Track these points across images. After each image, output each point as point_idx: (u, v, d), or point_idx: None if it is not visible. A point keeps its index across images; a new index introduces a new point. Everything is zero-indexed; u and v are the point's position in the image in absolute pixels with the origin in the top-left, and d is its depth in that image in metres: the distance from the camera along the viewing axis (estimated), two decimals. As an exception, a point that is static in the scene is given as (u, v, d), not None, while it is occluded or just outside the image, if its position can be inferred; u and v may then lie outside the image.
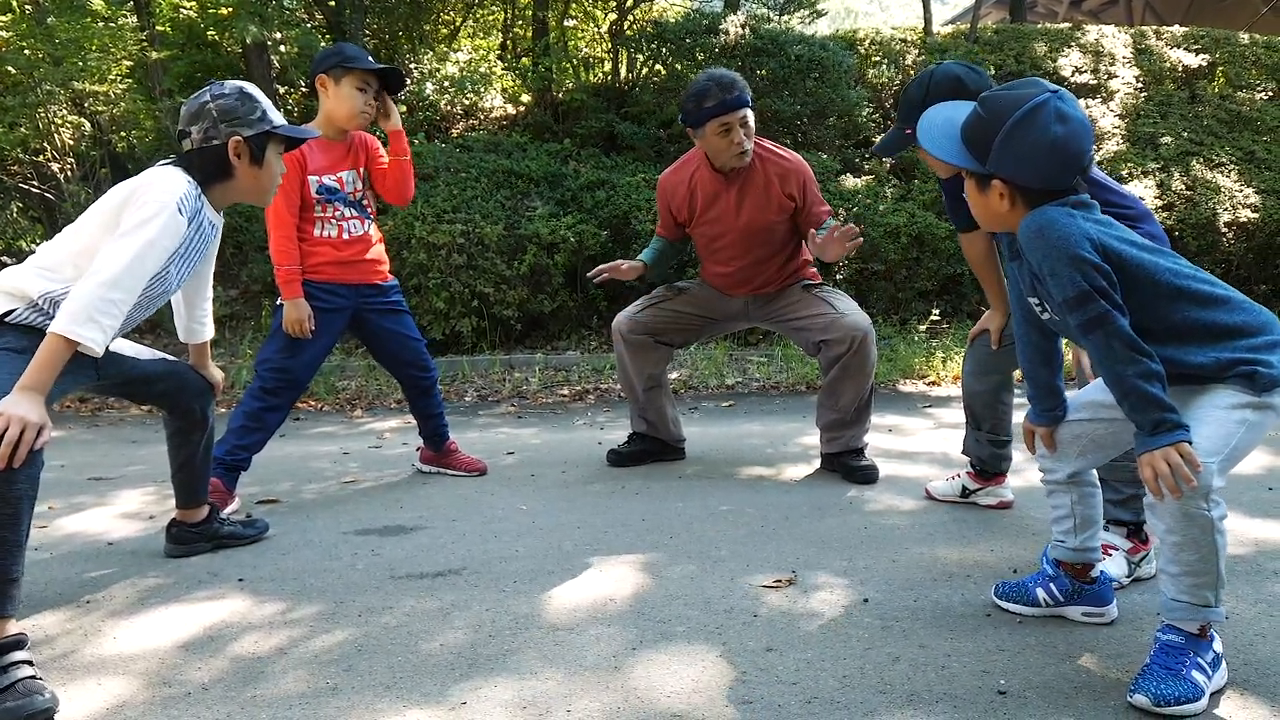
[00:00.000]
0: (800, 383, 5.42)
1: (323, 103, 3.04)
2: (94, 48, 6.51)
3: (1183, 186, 7.28)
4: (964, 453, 2.90)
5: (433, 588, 2.31)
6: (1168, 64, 8.72)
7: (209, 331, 2.55)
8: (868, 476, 3.21)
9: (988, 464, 2.84)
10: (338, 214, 3.06)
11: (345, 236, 3.07)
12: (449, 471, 3.41)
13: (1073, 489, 2.00)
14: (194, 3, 7.47)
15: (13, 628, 1.79)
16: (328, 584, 2.34)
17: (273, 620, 2.13)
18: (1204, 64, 8.78)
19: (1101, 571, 2.04)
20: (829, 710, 1.68)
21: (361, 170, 3.14)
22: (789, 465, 3.48)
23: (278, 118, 2.26)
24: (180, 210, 2.04)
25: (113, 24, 6.81)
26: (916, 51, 8.71)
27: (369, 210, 3.18)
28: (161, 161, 2.19)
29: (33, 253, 2.10)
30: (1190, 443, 1.60)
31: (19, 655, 1.75)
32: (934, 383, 5.42)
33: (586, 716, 1.68)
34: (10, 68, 6.39)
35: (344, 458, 3.77)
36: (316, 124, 3.05)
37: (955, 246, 6.46)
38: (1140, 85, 8.49)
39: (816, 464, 3.49)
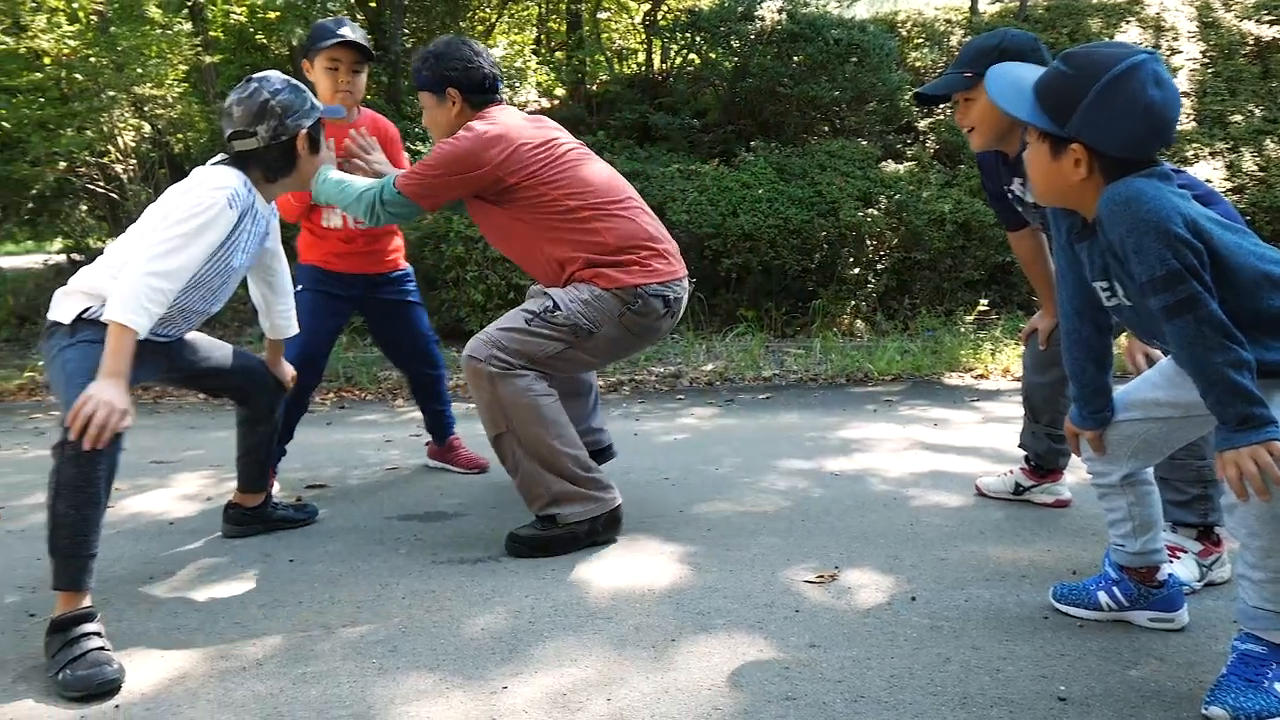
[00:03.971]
0: (840, 374, 5.30)
1: (314, 87, 2.92)
2: (152, 54, 6.73)
3: (1255, 167, 6.94)
4: (1020, 446, 2.78)
5: (474, 573, 2.31)
6: (1238, 37, 8.28)
7: (291, 328, 2.61)
8: (511, 545, 2.44)
9: (1045, 459, 2.72)
10: None
11: (352, 225, 2.98)
12: (451, 469, 3.33)
13: (1127, 491, 1.87)
14: (244, 8, 7.58)
15: (85, 601, 1.87)
16: (373, 567, 2.38)
17: (321, 601, 2.18)
18: (1278, 36, 8.33)
19: (1170, 575, 1.92)
20: (876, 710, 1.60)
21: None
22: (829, 458, 3.38)
23: (318, 101, 2.34)
24: (231, 204, 2.09)
25: (169, 31, 6.98)
26: (962, 32, 8.47)
27: None
28: (213, 160, 2.25)
29: (101, 251, 2.20)
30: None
31: (90, 627, 1.84)
32: (982, 375, 5.27)
33: (626, 706, 1.64)
34: (78, 74, 6.67)
35: (386, 445, 3.78)
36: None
37: (1003, 234, 6.27)
38: (1207, 60, 8.05)
39: (859, 457, 3.38)
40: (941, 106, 7.71)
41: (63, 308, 2.08)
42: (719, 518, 2.69)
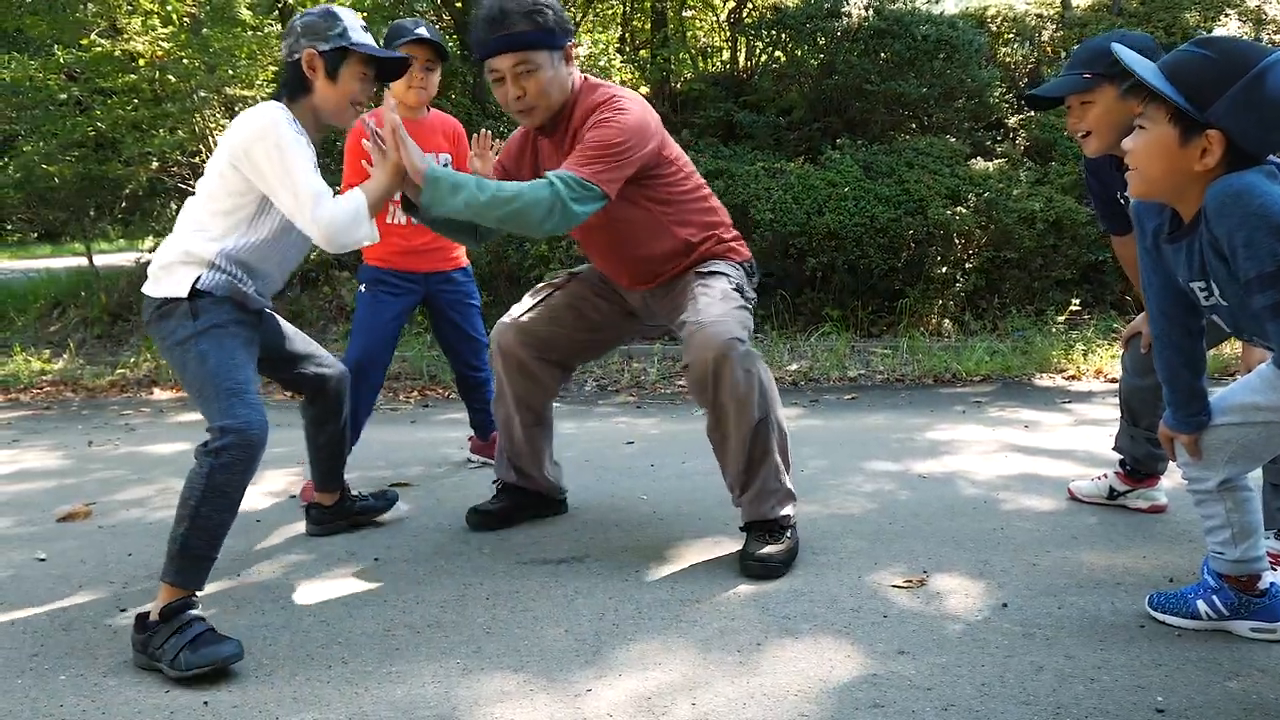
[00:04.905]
0: (927, 375, 5.23)
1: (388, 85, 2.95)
2: (243, 55, 6.93)
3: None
4: (1115, 449, 2.72)
5: (557, 574, 2.33)
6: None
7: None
8: (755, 570, 2.24)
9: (1142, 463, 2.65)
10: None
11: (416, 221, 2.92)
12: (494, 462, 3.33)
13: (1225, 496, 1.81)
14: (331, 6, 7.81)
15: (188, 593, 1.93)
16: (457, 566, 2.41)
17: (406, 600, 2.20)
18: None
19: (1273, 584, 1.86)
20: (967, 719, 1.59)
21: (441, 155, 3.06)
22: (916, 461, 3.35)
23: (361, 37, 2.20)
24: (289, 124, 2.04)
25: (259, 32, 7.20)
26: (1054, 27, 8.26)
27: None
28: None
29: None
30: None
31: (196, 613, 1.89)
32: (1073, 377, 5.13)
33: (711, 710, 1.65)
34: (171, 76, 6.86)
35: (470, 443, 3.82)
36: (388, 106, 3.00)
37: (1096, 232, 6.10)
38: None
39: (947, 459, 3.34)
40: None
41: (172, 280, 2.03)
42: (804, 520, 2.69)
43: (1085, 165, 2.53)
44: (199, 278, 2.03)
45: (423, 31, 2.93)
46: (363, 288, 3.13)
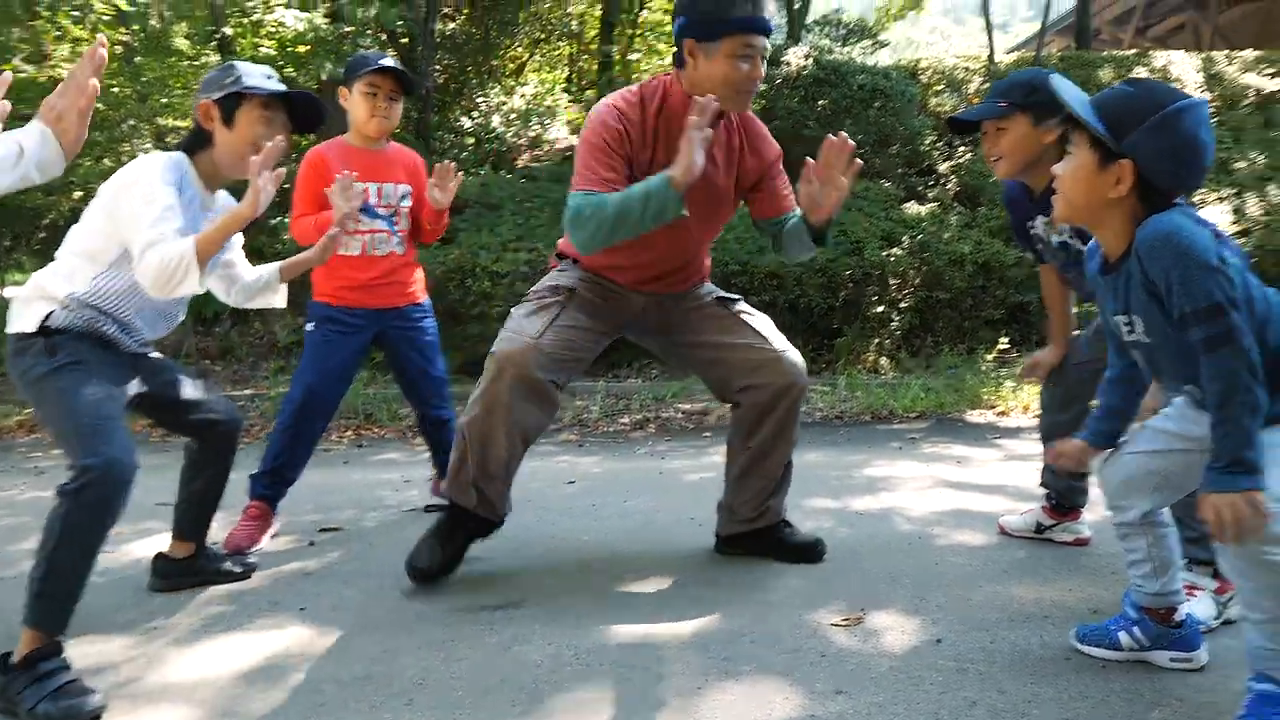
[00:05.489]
0: (865, 412, 5.32)
1: (349, 115, 2.99)
2: (178, 85, 6.82)
3: (1259, 212, 7.04)
4: (1041, 485, 2.81)
5: (493, 621, 2.28)
6: (1240, 89, 8.48)
7: (271, 274, 2.50)
8: (816, 549, 2.65)
9: (1065, 497, 2.75)
10: (362, 226, 2.90)
11: (370, 253, 2.95)
12: None
13: (1146, 531, 1.90)
14: (273, 41, 7.74)
15: (54, 638, 1.84)
16: (388, 616, 2.33)
17: (333, 651, 2.12)
18: (1278, 89, 8.51)
19: (1189, 614, 1.94)
20: (903, 756, 1.62)
21: (401, 188, 3.02)
22: (854, 498, 3.40)
23: (258, 81, 2.23)
24: (164, 173, 2.07)
25: (196, 63, 7.11)
26: (980, 80, 8.61)
27: (399, 228, 3.01)
28: None
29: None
30: (1263, 489, 1.51)
31: (62, 660, 1.82)
32: (1003, 413, 5.28)
33: (652, 756, 1.64)
34: (99, 104, 6.69)
35: (405, 485, 3.76)
36: (347, 137, 3.02)
37: (1023, 274, 6.32)
38: (1213, 110, 8.25)
39: (884, 496, 3.41)
40: (961, 149, 7.78)
41: (26, 316, 2.02)
42: (747, 559, 2.71)
43: (1004, 196, 2.65)
44: (50, 314, 2.01)
45: (387, 61, 2.94)
46: (310, 326, 2.99)
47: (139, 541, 3.00)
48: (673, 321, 2.62)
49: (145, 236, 1.98)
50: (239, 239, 2.43)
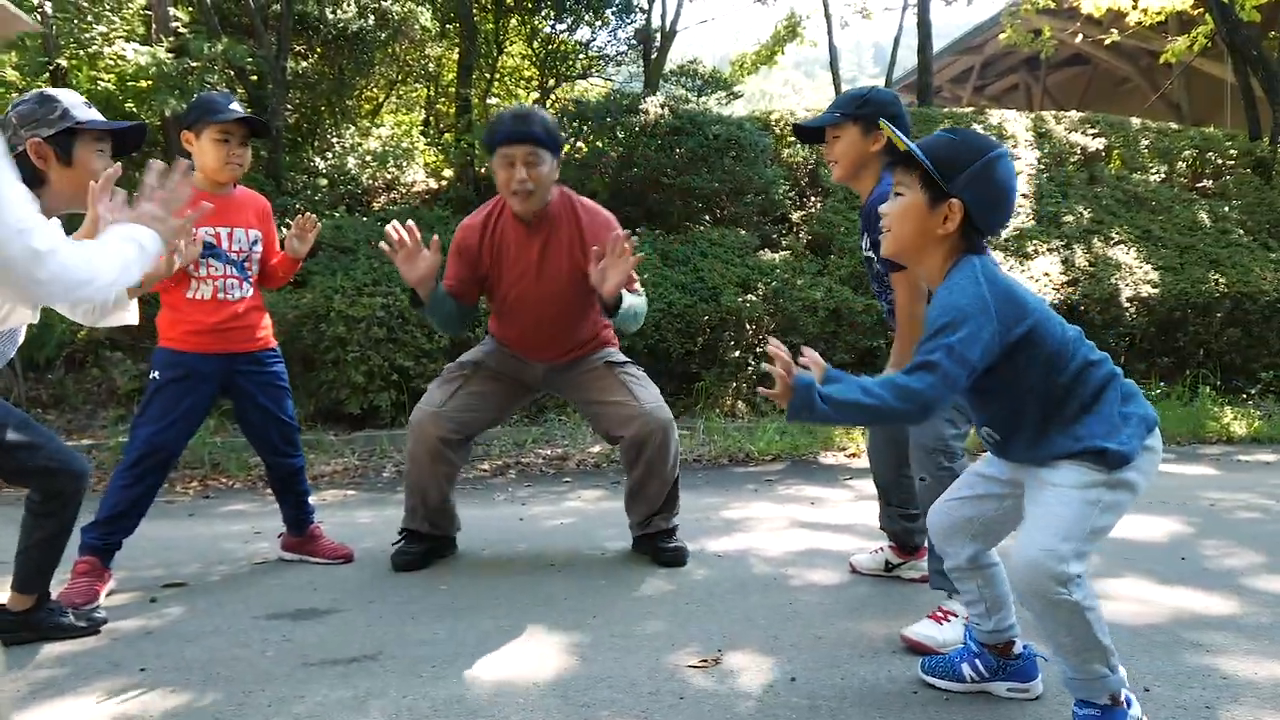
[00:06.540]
0: (723, 455, 5.44)
1: (194, 158, 2.89)
2: (4, 117, 6.39)
3: (1085, 263, 7.62)
4: (881, 528, 2.94)
5: (347, 674, 2.21)
6: (1067, 146, 9.20)
7: (119, 291, 2.23)
8: (677, 558, 3.11)
9: (902, 538, 2.88)
10: (214, 271, 2.87)
11: (221, 298, 2.88)
12: (311, 560, 3.18)
13: (975, 575, 2.00)
14: (112, 75, 7.35)
15: None
16: (236, 673, 2.22)
17: (176, 713, 2.01)
18: (1101, 147, 9.27)
19: (1026, 646, 2.05)
20: (758, 796, 1.64)
21: (251, 232, 2.97)
22: (712, 539, 3.46)
23: (88, 114, 2.17)
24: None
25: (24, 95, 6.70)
26: (829, 133, 9.05)
27: (249, 273, 2.97)
28: None
29: None
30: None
31: None
32: (854, 455, 5.50)
33: (509, 812, 1.61)
34: None
35: (255, 537, 3.61)
36: (195, 179, 2.92)
37: (871, 320, 6.63)
38: (1042, 166, 8.92)
39: (740, 537, 3.48)
40: (813, 199, 8.14)
41: None
42: (606, 603, 2.71)
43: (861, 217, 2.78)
44: None
45: (238, 110, 2.88)
46: (155, 374, 2.86)
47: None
48: (569, 382, 3.18)
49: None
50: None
